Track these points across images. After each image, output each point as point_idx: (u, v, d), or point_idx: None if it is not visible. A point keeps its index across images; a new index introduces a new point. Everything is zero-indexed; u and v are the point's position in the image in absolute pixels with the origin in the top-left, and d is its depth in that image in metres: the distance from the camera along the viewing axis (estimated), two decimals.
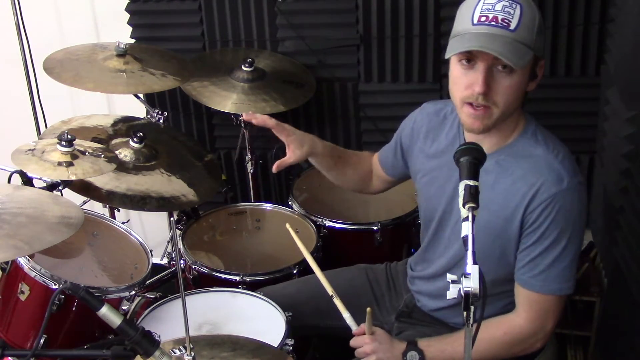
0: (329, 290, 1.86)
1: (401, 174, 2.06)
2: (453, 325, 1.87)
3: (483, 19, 1.54)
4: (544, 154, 1.64)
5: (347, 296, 1.90)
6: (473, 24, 1.55)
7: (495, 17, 1.53)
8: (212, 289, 2.09)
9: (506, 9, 1.53)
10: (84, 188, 2.13)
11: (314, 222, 2.43)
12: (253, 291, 2.04)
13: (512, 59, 1.51)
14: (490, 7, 1.54)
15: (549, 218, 1.60)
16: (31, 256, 2.00)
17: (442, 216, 1.82)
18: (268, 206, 2.59)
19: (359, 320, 1.83)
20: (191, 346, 1.47)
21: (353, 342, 1.80)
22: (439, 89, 2.75)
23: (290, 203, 2.56)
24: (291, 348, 1.80)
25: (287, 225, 2.09)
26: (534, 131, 1.68)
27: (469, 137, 1.69)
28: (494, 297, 1.74)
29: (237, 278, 2.18)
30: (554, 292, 1.65)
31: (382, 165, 2.09)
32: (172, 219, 2.65)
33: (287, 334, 1.84)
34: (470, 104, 1.60)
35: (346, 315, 1.82)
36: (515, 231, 1.66)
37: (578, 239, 1.65)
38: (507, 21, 1.52)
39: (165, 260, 2.72)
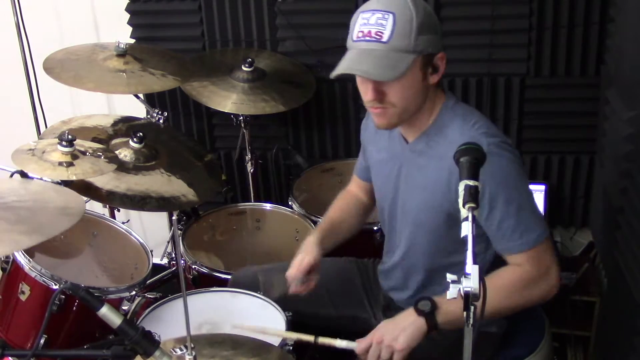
0: (309, 338, 1.78)
1: None
2: None
3: (360, 34, 1.63)
4: (460, 124, 1.70)
5: (339, 285, 1.99)
6: (353, 40, 1.65)
7: (370, 32, 1.61)
8: (212, 289, 2.08)
9: (379, 21, 1.60)
10: (84, 188, 2.13)
11: (314, 222, 2.43)
12: (253, 291, 2.04)
13: (380, 74, 1.60)
14: (366, 21, 1.62)
15: (484, 184, 1.57)
16: (31, 256, 2.00)
17: (391, 205, 1.88)
18: (268, 206, 2.60)
19: (349, 308, 1.92)
20: (192, 345, 1.47)
21: (360, 351, 1.71)
22: None
23: (290, 203, 2.57)
24: (291, 348, 1.80)
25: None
26: (453, 106, 1.74)
27: (402, 130, 1.80)
28: (448, 269, 1.73)
29: None
30: (534, 243, 1.67)
31: (361, 177, 2.09)
32: (173, 218, 2.65)
33: None
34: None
35: (337, 343, 1.75)
36: (457, 205, 1.66)
37: (524, 185, 1.69)
38: (380, 34, 1.60)
39: (165, 260, 2.72)
